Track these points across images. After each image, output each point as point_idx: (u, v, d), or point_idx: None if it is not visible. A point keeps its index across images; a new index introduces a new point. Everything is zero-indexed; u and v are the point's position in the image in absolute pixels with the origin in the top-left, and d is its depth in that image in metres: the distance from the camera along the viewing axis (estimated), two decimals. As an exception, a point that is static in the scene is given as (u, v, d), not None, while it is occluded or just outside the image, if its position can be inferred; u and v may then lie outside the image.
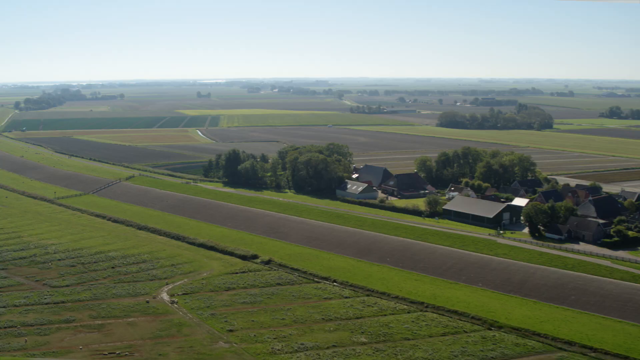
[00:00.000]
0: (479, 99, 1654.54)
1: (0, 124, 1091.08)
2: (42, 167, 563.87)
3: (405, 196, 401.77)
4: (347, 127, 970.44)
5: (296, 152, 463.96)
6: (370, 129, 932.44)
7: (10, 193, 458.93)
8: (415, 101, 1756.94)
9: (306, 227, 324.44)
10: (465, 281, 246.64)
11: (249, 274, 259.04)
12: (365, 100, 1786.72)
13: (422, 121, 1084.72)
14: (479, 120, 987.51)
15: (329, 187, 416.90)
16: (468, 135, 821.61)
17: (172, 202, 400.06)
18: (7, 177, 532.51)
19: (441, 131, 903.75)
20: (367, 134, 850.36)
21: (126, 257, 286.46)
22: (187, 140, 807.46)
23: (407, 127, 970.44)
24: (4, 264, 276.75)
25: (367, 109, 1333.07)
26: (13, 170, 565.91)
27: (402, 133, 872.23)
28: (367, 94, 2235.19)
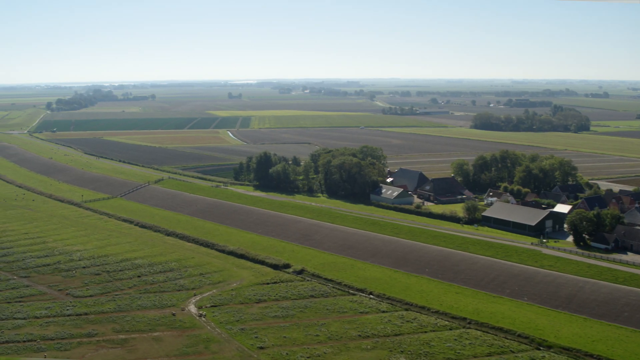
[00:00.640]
0: (513, 100, 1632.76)
1: (32, 125, 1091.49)
2: (70, 169, 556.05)
3: (442, 201, 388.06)
4: (380, 129, 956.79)
5: (329, 155, 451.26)
6: (403, 131, 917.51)
7: (37, 196, 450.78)
8: (447, 102, 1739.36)
9: (340, 234, 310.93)
10: (509, 295, 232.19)
11: (280, 285, 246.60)
12: (397, 101, 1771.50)
13: (456, 123, 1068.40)
14: (514, 122, 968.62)
15: (362, 191, 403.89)
16: (503, 138, 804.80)
17: (202, 206, 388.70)
18: (34, 179, 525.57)
19: (475, 133, 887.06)
20: (400, 136, 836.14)
21: (153, 265, 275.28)
22: (218, 141, 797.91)
23: (441, 129, 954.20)
24: (27, 272, 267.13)
25: (400, 110, 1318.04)
26: (41, 172, 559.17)
27: (436, 135, 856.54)
28: (398, 95, 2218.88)
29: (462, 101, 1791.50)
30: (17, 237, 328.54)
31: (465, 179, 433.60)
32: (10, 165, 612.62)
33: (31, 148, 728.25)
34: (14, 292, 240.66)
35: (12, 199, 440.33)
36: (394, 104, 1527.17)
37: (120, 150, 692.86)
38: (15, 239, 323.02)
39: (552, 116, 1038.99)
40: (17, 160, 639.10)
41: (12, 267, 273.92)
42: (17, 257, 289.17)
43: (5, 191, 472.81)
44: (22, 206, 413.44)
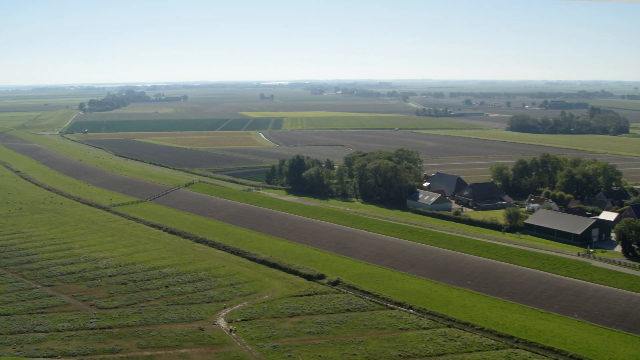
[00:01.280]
0: (548, 102, 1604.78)
1: (64, 126, 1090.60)
2: (99, 171, 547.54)
3: (481, 207, 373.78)
4: (414, 131, 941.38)
5: (364, 158, 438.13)
6: (437, 133, 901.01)
7: (66, 199, 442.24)
8: (482, 104, 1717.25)
9: (377, 242, 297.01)
10: (558, 311, 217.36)
11: (315, 297, 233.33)
12: (430, 102, 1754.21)
13: (491, 125, 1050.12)
14: (551, 124, 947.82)
15: (398, 196, 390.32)
16: (540, 140, 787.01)
17: (233, 211, 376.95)
18: (63, 181, 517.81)
19: (512, 135, 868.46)
20: (435, 138, 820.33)
21: (181, 274, 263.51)
22: (250, 143, 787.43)
23: (476, 131, 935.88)
24: (51, 280, 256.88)
25: (434, 111, 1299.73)
26: (70, 174, 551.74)
27: (471, 137, 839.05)
28: (432, 96, 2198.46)
29: (496, 102, 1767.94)
30: (43, 242, 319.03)
31: (504, 184, 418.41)
32: (40, 167, 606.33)
33: (61, 149, 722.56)
34: (37, 302, 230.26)
35: (40, 202, 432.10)
36: (427, 105, 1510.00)
37: (151, 152, 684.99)
38: (41, 245, 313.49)
39: (589, 118, 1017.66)
40: (47, 162, 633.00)
41: (36, 275, 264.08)
42: (42, 264, 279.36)
43: (34, 194, 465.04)
44: (49, 210, 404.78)
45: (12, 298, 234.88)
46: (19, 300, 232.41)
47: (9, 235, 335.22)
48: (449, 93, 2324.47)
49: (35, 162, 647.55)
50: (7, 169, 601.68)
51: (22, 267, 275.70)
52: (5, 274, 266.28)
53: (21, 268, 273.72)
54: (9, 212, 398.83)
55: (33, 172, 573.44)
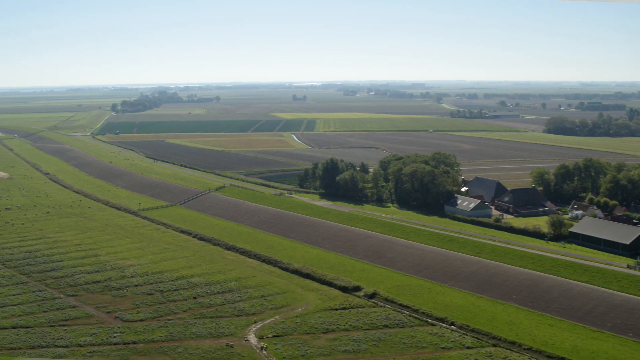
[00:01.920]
0: (585, 104, 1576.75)
1: (95, 127, 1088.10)
2: (129, 174, 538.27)
3: (523, 214, 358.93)
4: (449, 133, 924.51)
5: (400, 162, 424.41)
6: (473, 135, 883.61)
7: (94, 203, 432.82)
8: (517, 105, 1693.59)
9: (415, 252, 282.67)
10: (610, 329, 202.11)
11: (350, 312, 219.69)
12: (464, 104, 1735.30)
13: (527, 127, 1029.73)
14: (589, 126, 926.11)
15: (436, 202, 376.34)
16: (579, 143, 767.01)
17: (265, 217, 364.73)
18: (92, 184, 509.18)
19: (549, 138, 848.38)
20: (471, 141, 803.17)
21: (210, 284, 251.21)
22: (282, 145, 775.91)
23: (513, 134, 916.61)
24: (75, 290, 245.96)
25: (468, 113, 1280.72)
26: (100, 176, 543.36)
27: (508, 140, 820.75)
28: (465, 98, 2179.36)
29: (532, 104, 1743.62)
30: (68, 248, 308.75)
31: (545, 189, 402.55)
32: (69, 169, 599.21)
33: (92, 151, 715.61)
34: (59, 313, 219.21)
35: (68, 205, 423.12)
36: (461, 107, 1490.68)
37: (182, 154, 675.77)
38: (66, 251, 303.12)
39: (628, 120, 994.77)
40: (76, 164, 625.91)
41: (60, 283, 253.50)
42: (67, 272, 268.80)
43: (62, 197, 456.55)
44: (77, 214, 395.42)
45: (34, 309, 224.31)
46: (40, 311, 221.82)
47: (34, 241, 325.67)
48: (482, 94, 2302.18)
49: (65, 163, 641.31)
50: (36, 171, 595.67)
51: (46, 275, 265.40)
52: (29, 282, 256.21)
53: (45, 276, 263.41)
54: (36, 216, 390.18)
55: (62, 174, 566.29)
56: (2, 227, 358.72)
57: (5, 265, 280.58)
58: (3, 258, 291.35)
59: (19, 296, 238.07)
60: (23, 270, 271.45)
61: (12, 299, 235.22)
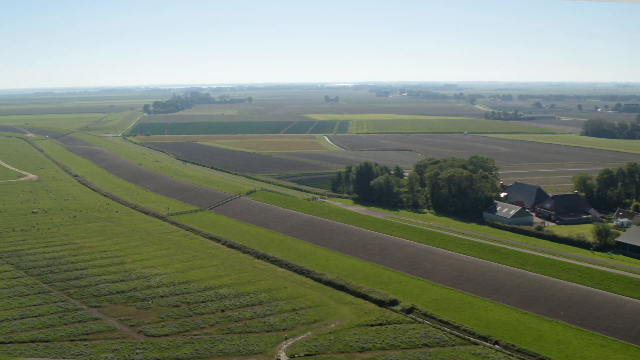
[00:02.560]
0: (622, 105, 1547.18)
1: (127, 128, 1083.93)
2: (159, 176, 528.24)
3: (565, 221, 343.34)
4: (484, 135, 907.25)
5: (436, 166, 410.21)
6: (509, 137, 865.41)
7: (122, 207, 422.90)
8: (552, 107, 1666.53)
9: (454, 263, 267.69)
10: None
11: (387, 328, 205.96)
12: (498, 105, 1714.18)
13: (564, 129, 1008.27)
14: (628, 128, 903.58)
15: (474, 208, 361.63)
16: (618, 146, 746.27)
17: (296, 223, 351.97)
18: (121, 187, 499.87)
19: (587, 141, 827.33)
20: (507, 143, 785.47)
21: (239, 296, 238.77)
22: (315, 147, 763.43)
23: (549, 136, 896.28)
24: (98, 300, 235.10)
25: (503, 115, 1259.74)
26: (129, 179, 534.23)
27: (545, 142, 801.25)
28: (499, 99, 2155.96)
29: (567, 105, 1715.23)
30: (93, 255, 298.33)
31: (588, 195, 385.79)
32: (99, 172, 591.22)
33: (122, 153, 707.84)
34: (80, 326, 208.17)
35: (96, 209, 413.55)
36: (495, 108, 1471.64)
37: (213, 156, 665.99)
38: (91, 258, 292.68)
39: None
40: (106, 166, 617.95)
41: (83, 293, 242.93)
42: (91, 280, 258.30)
43: (90, 200, 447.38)
44: (104, 218, 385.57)
45: (55, 321, 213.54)
46: (61, 324, 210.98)
47: (59, 247, 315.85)
48: (517, 95, 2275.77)
49: (94, 165, 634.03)
50: (65, 173, 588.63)
51: (69, 283, 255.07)
52: (51, 291, 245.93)
53: (68, 285, 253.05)
54: (62, 220, 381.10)
55: (91, 177, 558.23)
56: (28, 232, 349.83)
57: (28, 272, 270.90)
58: (26, 265, 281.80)
59: (40, 307, 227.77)
60: (46, 279, 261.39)
61: (33, 309, 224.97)
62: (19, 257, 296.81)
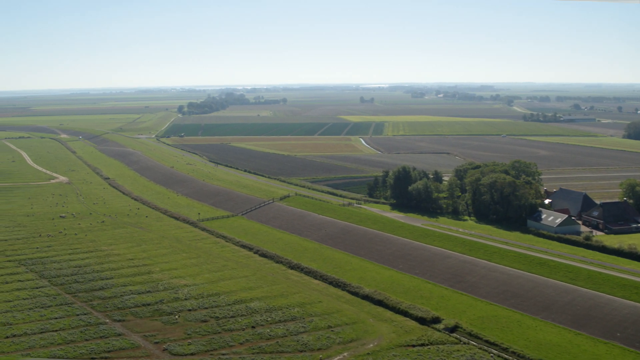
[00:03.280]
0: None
1: (160, 129, 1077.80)
2: (190, 180, 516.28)
3: (614, 231, 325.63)
4: (523, 138, 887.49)
5: (477, 171, 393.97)
6: (548, 140, 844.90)
7: (152, 211, 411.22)
8: (591, 108, 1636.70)
9: (500, 276, 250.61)
10: None
11: (430, 349, 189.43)
12: (536, 107, 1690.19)
13: (605, 131, 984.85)
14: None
15: (518, 216, 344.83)
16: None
17: (332, 231, 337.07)
18: (152, 191, 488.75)
19: (630, 144, 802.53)
20: (547, 146, 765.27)
21: (271, 310, 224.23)
22: (350, 150, 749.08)
23: (591, 139, 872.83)
24: (122, 313, 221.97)
25: (542, 116, 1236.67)
26: (160, 182, 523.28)
27: (586, 145, 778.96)
28: (537, 100, 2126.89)
29: (607, 107, 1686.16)
30: (120, 264, 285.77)
31: (636, 203, 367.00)
32: (130, 174, 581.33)
33: (154, 155, 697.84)
34: (102, 343, 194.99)
35: (125, 214, 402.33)
36: (533, 110, 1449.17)
37: (247, 159, 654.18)
38: (118, 267, 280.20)
39: None
40: (138, 169, 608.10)
41: (107, 305, 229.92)
42: (116, 291, 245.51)
43: (120, 204, 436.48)
44: (133, 223, 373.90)
45: (76, 336, 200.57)
46: (82, 340, 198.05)
47: (85, 254, 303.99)
48: (554, 97, 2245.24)
49: (126, 167, 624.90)
50: (97, 175, 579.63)
51: (93, 294, 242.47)
52: (74, 303, 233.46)
53: (92, 296, 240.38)
54: (90, 225, 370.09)
55: (122, 179, 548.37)
56: (54, 238, 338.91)
57: (52, 282, 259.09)
58: (51, 274, 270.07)
59: (62, 320, 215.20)
60: (69, 289, 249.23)
61: (54, 323, 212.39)
62: (43, 264, 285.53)
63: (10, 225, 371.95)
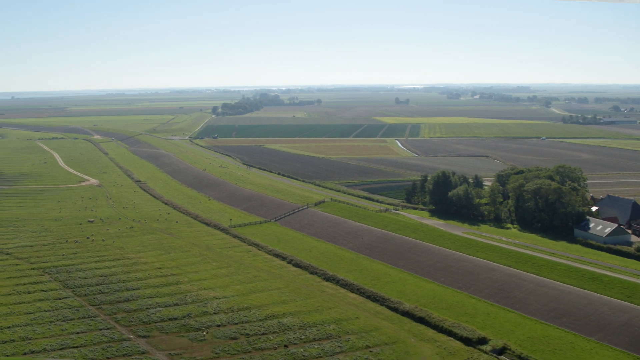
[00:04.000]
0: None
1: (194, 130, 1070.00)
2: (223, 183, 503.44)
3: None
4: (563, 140, 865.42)
5: (520, 177, 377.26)
6: (590, 143, 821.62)
7: (182, 216, 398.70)
8: (631, 110, 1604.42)
9: (549, 292, 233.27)
10: None
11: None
12: (574, 108, 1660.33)
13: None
14: None
15: (564, 224, 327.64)
16: None
17: (368, 239, 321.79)
18: (184, 194, 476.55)
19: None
20: (589, 149, 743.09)
21: (305, 327, 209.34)
22: (386, 152, 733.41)
23: (634, 142, 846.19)
24: (147, 328, 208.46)
25: (582, 118, 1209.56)
26: (192, 186, 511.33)
27: (629, 149, 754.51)
28: (575, 102, 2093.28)
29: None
30: (148, 273, 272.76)
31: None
32: (162, 177, 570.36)
33: (187, 157, 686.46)
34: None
35: (155, 219, 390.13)
36: (572, 112, 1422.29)
37: (280, 161, 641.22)
38: (145, 277, 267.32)
39: None
40: (169, 171, 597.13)
41: (131, 319, 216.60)
42: (142, 304, 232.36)
43: (150, 209, 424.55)
44: (163, 229, 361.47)
45: (97, 354, 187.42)
46: (104, 358, 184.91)
47: (112, 262, 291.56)
48: (592, 98, 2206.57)
49: (158, 170, 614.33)
50: (128, 178, 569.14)
51: (117, 307, 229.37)
52: (97, 316, 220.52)
53: (117, 309, 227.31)
54: (118, 230, 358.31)
55: (153, 182, 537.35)
56: (81, 244, 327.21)
57: (76, 292, 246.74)
58: (75, 283, 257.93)
59: (83, 335, 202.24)
60: (94, 300, 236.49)
61: (75, 338, 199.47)
62: (68, 273, 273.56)
63: (37, 230, 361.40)
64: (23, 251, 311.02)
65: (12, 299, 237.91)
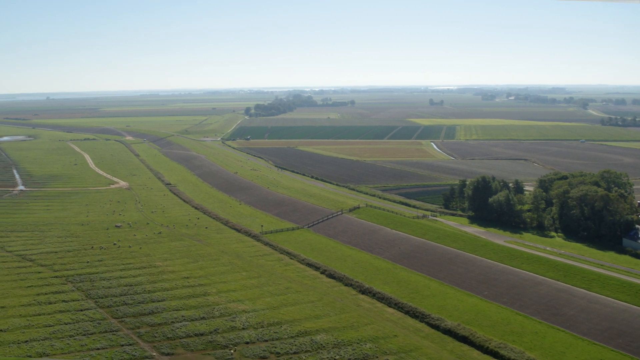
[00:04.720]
0: None
1: (227, 131, 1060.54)
2: (254, 187, 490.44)
3: None
4: (602, 143, 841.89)
5: (565, 182, 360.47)
6: (631, 146, 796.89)
7: (212, 222, 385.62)
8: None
9: (602, 310, 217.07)
10: None
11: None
12: (612, 110, 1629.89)
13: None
14: None
15: (612, 233, 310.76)
16: None
17: (406, 248, 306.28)
18: (214, 198, 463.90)
19: None
20: (630, 153, 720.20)
21: (340, 346, 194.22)
22: (421, 155, 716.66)
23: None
24: (171, 345, 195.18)
25: (621, 121, 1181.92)
26: (223, 189, 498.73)
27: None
28: (612, 103, 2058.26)
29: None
30: (174, 283, 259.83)
31: None
32: (192, 180, 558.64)
33: (218, 159, 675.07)
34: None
35: (184, 224, 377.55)
36: (610, 114, 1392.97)
37: (313, 163, 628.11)
38: (171, 287, 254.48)
39: None
40: (200, 174, 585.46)
41: (155, 334, 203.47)
42: (166, 317, 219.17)
43: (179, 213, 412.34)
44: (191, 235, 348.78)
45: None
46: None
47: (138, 270, 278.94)
48: (630, 99, 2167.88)
49: (188, 172, 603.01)
50: (158, 181, 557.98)
51: (141, 320, 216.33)
52: (120, 330, 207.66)
53: (140, 322, 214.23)
54: (145, 236, 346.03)
55: (184, 186, 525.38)
56: (107, 251, 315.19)
57: (98, 303, 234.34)
58: (98, 293, 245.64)
59: (103, 351, 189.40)
60: (116, 312, 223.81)
61: (95, 355, 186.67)
62: (91, 282, 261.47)
63: (63, 235, 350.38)
64: (47, 257, 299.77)
65: (32, 310, 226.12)
